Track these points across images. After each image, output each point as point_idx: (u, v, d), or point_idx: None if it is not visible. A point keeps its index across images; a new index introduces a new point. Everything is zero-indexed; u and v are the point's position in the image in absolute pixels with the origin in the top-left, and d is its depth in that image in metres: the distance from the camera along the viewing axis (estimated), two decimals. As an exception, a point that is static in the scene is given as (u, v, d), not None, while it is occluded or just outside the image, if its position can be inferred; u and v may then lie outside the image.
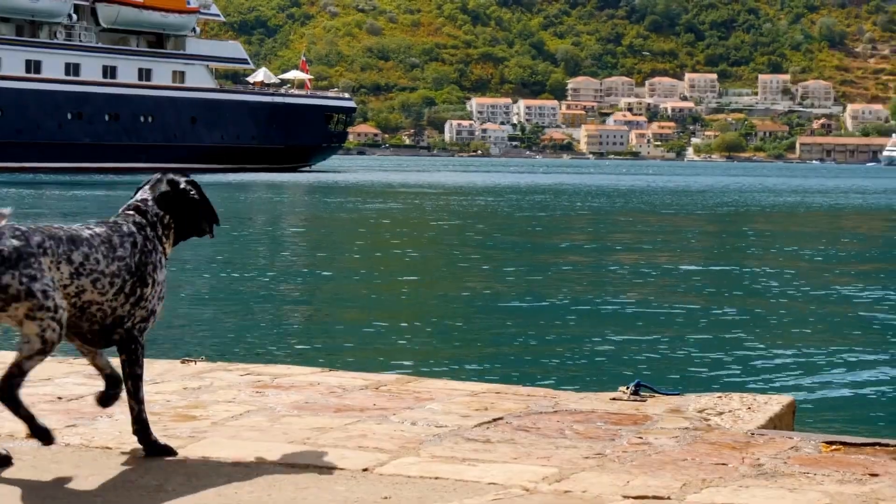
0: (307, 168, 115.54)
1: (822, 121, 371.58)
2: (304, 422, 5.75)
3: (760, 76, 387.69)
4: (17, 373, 4.63)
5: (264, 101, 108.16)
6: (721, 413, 6.03)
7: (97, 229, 4.88)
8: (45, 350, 4.62)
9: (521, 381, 11.99)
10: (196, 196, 5.15)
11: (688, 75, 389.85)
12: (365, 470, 4.89)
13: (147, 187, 5.13)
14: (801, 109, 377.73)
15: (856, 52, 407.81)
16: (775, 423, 5.96)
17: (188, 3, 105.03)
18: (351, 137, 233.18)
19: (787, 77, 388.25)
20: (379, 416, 5.90)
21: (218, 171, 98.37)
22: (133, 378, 4.91)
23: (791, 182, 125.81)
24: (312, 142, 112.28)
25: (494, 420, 5.84)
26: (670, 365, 14.37)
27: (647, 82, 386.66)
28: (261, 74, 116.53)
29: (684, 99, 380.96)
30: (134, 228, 4.97)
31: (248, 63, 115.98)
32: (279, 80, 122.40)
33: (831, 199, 76.12)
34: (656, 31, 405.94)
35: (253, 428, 5.60)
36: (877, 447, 5.38)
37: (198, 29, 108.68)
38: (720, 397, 6.40)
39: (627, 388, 6.53)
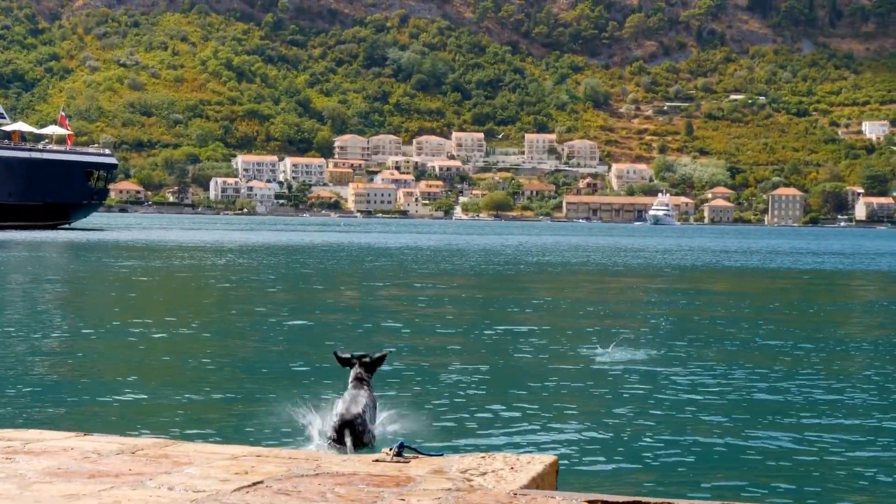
0: (67, 226, 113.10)
1: (587, 180, 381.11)
2: (56, 489, 5.55)
3: (527, 135, 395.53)
4: None
5: (22, 157, 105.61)
6: (484, 473, 6.01)
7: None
8: None
9: (284, 443, 11.85)
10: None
11: (455, 134, 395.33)
12: (117, 539, 4.73)
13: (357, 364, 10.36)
14: (567, 169, 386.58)
15: (620, 113, 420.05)
16: (538, 482, 5.97)
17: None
18: (113, 194, 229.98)
19: (553, 137, 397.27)
20: (134, 482, 5.72)
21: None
22: None
23: (593, 241, 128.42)
24: (72, 199, 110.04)
25: (254, 484, 5.71)
26: (435, 425, 14.35)
27: (414, 141, 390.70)
28: (17, 128, 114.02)
29: (451, 158, 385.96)
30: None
31: (5, 117, 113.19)
32: (37, 135, 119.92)
33: (604, 258, 77.98)
34: (423, 89, 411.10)
35: (1, 496, 5.38)
36: (637, 504, 5.42)
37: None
38: (483, 457, 6.39)
39: (391, 449, 6.48)
